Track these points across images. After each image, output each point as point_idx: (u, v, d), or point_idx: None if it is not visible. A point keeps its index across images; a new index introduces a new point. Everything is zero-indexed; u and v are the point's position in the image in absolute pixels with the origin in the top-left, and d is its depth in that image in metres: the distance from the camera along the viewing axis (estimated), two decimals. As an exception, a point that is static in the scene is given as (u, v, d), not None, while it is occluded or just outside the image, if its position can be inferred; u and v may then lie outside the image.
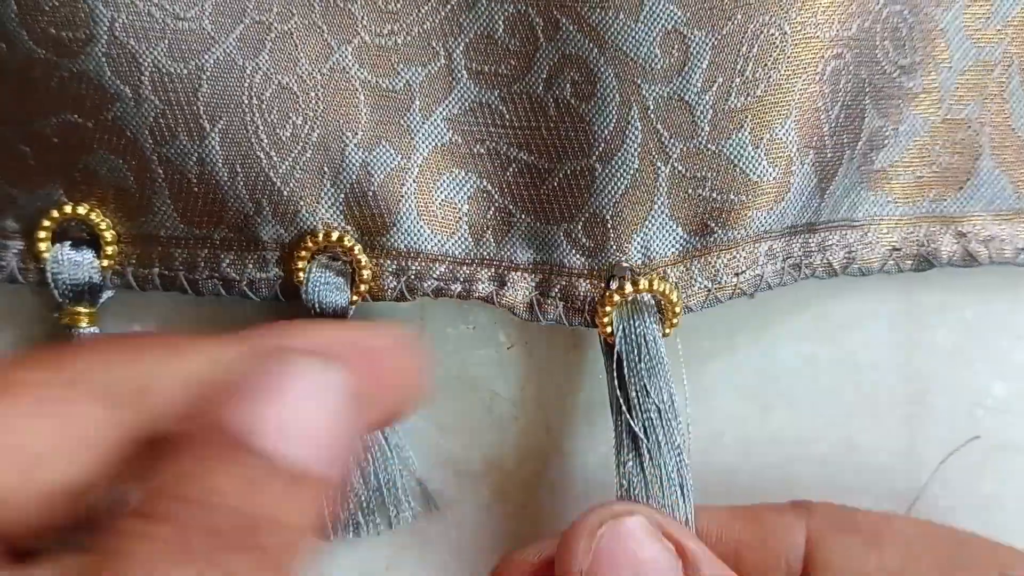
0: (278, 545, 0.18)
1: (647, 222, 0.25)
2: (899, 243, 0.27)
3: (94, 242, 0.27)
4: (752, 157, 0.25)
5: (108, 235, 0.26)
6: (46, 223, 0.26)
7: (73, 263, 0.26)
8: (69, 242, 0.26)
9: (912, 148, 0.27)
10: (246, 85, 0.25)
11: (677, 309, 0.25)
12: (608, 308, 0.25)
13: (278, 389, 0.19)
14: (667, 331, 0.25)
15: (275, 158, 0.25)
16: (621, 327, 0.25)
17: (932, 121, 0.27)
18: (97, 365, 0.20)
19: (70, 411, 0.19)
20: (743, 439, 0.29)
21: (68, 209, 0.26)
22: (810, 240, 0.27)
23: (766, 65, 0.24)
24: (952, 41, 0.26)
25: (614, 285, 0.25)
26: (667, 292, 0.25)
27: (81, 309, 0.27)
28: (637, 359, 0.25)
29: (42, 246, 0.26)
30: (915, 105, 0.26)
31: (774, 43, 0.24)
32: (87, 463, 0.19)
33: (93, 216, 0.26)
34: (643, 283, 0.25)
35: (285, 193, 0.25)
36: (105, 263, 0.27)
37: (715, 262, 0.26)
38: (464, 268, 0.25)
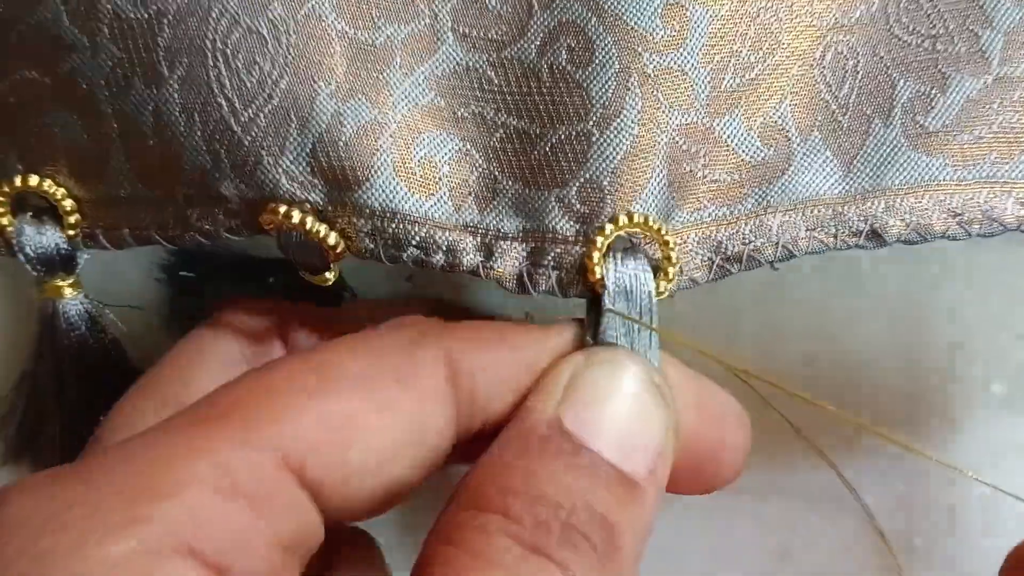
0: (610, 546, 0.18)
1: (647, 189, 0.24)
2: (959, 208, 0.26)
3: (56, 211, 0.25)
4: (744, 138, 0.24)
5: (67, 204, 0.25)
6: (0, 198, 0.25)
7: (37, 233, 0.25)
8: (30, 213, 0.25)
9: (968, 108, 0.26)
10: (211, 27, 0.23)
11: (673, 256, 0.24)
12: (598, 240, 0.23)
13: (614, 398, 0.20)
14: (661, 287, 0.24)
15: (237, 105, 0.23)
16: (607, 268, 0.23)
17: (984, 79, 0.26)
18: (428, 358, 0.21)
19: (415, 412, 0.20)
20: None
21: (19, 181, 0.25)
22: (846, 210, 0.25)
23: (761, 50, 0.24)
24: (987, 3, 0.26)
25: (608, 228, 0.24)
26: (660, 231, 0.24)
27: (60, 282, 0.26)
28: (625, 301, 0.23)
29: (3, 220, 0.25)
30: (959, 66, 0.26)
31: (769, 29, 0.24)
32: (425, 461, 0.20)
33: (46, 186, 0.25)
34: (637, 217, 0.23)
35: (246, 143, 0.23)
36: (71, 232, 0.25)
37: (716, 235, 0.25)
38: (446, 233, 0.24)
